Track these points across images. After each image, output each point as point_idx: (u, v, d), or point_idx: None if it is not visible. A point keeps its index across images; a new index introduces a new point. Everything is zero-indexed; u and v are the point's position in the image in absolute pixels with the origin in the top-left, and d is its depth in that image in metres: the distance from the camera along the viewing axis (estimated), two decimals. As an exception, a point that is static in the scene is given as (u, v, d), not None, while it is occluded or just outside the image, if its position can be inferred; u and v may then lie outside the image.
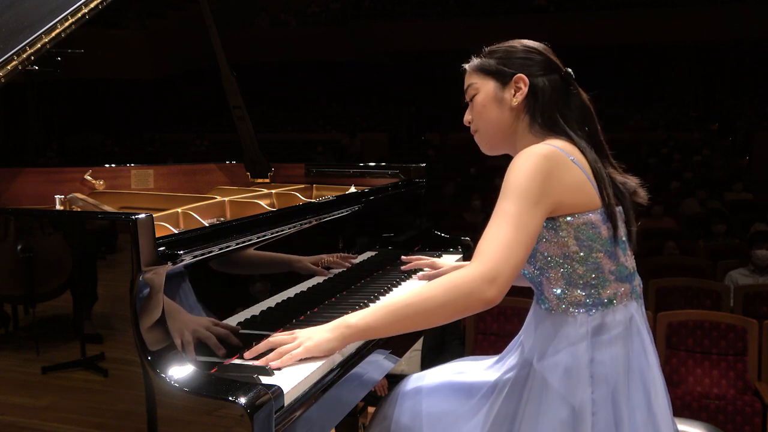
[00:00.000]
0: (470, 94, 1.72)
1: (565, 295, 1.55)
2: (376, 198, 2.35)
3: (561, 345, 1.53)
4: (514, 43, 1.70)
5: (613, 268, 1.55)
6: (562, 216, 1.52)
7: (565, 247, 1.53)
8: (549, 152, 1.51)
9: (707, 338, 3.94)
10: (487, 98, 1.67)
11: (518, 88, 1.63)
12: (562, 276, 1.55)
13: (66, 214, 1.88)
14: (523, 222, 1.45)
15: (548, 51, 1.69)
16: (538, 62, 1.65)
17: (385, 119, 17.44)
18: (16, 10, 1.92)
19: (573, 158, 1.53)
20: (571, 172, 1.52)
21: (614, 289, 1.55)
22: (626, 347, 1.53)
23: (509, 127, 1.66)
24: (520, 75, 1.63)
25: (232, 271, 1.59)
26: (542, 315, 1.59)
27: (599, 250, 1.53)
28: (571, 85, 1.65)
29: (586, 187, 1.53)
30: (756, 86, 15.75)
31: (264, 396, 1.21)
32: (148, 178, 2.57)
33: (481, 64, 1.70)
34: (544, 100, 1.62)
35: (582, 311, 1.53)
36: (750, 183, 10.02)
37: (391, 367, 1.89)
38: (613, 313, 1.54)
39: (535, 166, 1.48)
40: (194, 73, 13.37)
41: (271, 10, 18.66)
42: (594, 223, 1.52)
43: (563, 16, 15.57)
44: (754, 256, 5.06)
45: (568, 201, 1.51)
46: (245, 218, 1.67)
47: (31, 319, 1.35)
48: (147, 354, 1.24)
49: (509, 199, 1.47)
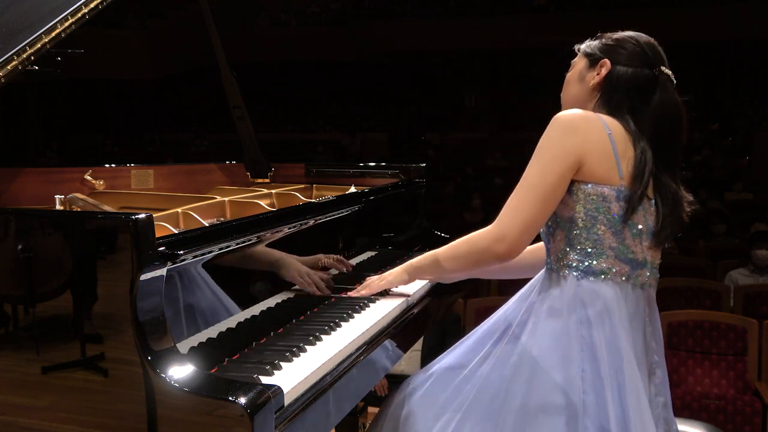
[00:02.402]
0: (570, 68, 1.82)
1: (562, 256, 1.63)
2: (376, 198, 2.35)
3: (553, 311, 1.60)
4: (622, 33, 1.75)
5: (614, 245, 1.60)
6: (580, 181, 1.60)
7: (572, 211, 1.61)
8: (582, 113, 1.63)
9: (707, 338, 3.94)
10: (574, 74, 1.78)
11: (599, 70, 1.71)
12: (564, 237, 1.63)
13: (66, 214, 1.88)
14: (537, 182, 1.60)
15: (650, 46, 1.72)
16: (630, 52, 1.69)
17: (385, 119, 17.44)
18: (16, 10, 1.92)
19: (610, 132, 1.61)
20: (600, 139, 1.59)
21: (610, 264, 1.60)
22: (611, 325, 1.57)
23: (583, 105, 1.72)
24: (605, 60, 1.70)
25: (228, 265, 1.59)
26: (544, 275, 1.70)
27: (603, 223, 1.59)
28: (657, 86, 1.68)
29: (610, 159, 1.59)
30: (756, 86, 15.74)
31: (264, 396, 1.21)
32: (148, 178, 2.57)
33: (587, 45, 1.78)
34: (618, 88, 1.68)
35: (574, 274, 1.61)
36: (750, 183, 10.02)
37: (392, 367, 1.89)
38: (603, 284, 1.59)
39: (558, 125, 1.62)
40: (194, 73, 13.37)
41: (271, 10, 18.65)
42: (606, 197, 1.59)
43: (563, 16, 15.55)
44: (754, 256, 5.06)
45: (588, 164, 1.58)
46: (245, 218, 1.67)
47: (31, 319, 1.35)
48: (147, 354, 1.24)
49: (531, 163, 1.63)
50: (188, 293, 1.44)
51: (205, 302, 1.49)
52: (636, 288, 1.62)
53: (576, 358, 1.55)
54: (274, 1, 18.62)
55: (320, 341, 1.61)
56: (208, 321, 1.48)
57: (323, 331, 1.66)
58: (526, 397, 1.57)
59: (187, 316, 1.43)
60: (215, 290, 1.53)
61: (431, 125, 16.77)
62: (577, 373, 1.54)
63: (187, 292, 1.43)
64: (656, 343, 1.67)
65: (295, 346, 1.53)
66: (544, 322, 1.61)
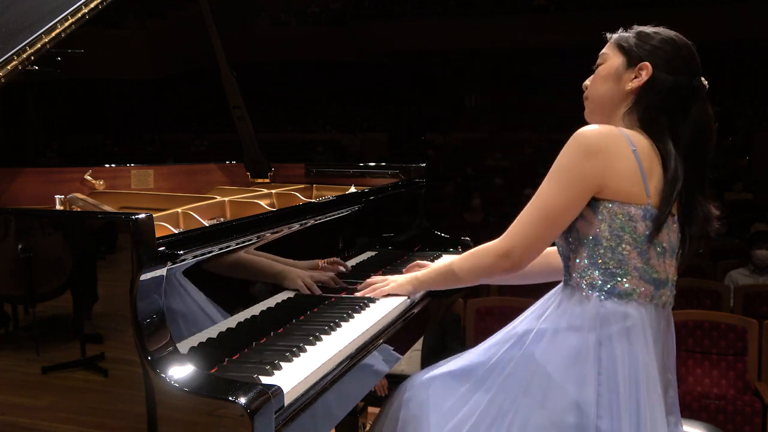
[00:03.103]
0: (598, 62, 1.73)
1: (585, 275, 1.58)
2: (376, 198, 2.35)
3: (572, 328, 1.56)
4: (660, 30, 1.69)
5: (639, 265, 1.56)
6: (605, 200, 1.55)
7: (597, 229, 1.56)
8: (604, 132, 1.56)
9: (707, 338, 3.94)
10: (609, 71, 1.68)
11: (639, 74, 1.63)
12: (587, 255, 1.58)
13: (66, 214, 1.88)
14: (551, 202, 1.57)
15: (690, 52, 1.66)
16: (671, 58, 1.63)
17: (385, 119, 17.45)
18: (16, 10, 1.92)
19: (635, 149, 1.55)
20: (625, 159, 1.54)
21: (635, 285, 1.56)
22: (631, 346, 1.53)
23: (613, 106, 1.67)
24: (646, 63, 1.63)
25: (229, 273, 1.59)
26: (561, 288, 1.66)
27: (629, 243, 1.55)
28: (695, 97, 1.63)
29: (636, 178, 1.54)
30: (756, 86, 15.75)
31: (264, 396, 1.21)
32: (148, 178, 2.57)
33: (621, 38, 1.70)
34: (656, 96, 1.61)
35: (596, 294, 1.56)
36: (750, 183, 10.03)
37: (391, 367, 1.89)
38: (626, 306, 1.55)
39: (578, 146, 1.55)
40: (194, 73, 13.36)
41: (271, 10, 18.66)
42: (632, 217, 1.54)
43: (563, 16, 15.56)
44: (754, 256, 5.06)
45: (613, 185, 1.54)
46: (245, 218, 1.67)
47: (31, 319, 1.35)
48: (147, 354, 1.24)
49: (547, 180, 1.59)
50: (188, 293, 1.43)
51: (205, 302, 1.49)
52: (659, 308, 1.60)
53: (592, 380, 1.51)
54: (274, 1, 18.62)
55: (320, 341, 1.61)
56: (208, 321, 1.48)
57: (323, 331, 1.66)
58: (538, 413, 1.53)
59: (187, 316, 1.43)
60: (215, 290, 1.53)
61: (431, 125, 16.78)
62: (593, 396, 1.50)
63: (187, 292, 1.43)
64: (671, 362, 1.66)
65: (295, 346, 1.53)
66: (563, 336, 1.57)
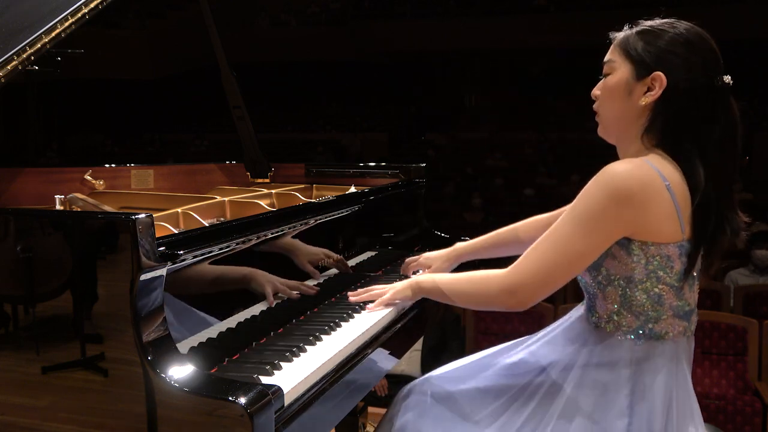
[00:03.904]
0: (605, 71, 1.56)
1: (618, 317, 1.48)
2: (376, 198, 2.34)
3: (603, 363, 1.48)
4: (668, 25, 1.50)
5: (674, 303, 1.46)
6: (639, 241, 1.42)
7: (631, 271, 1.44)
8: (638, 176, 1.39)
9: (707, 338, 3.94)
10: (618, 85, 1.51)
11: (652, 85, 1.46)
12: (619, 297, 1.47)
13: (66, 214, 1.88)
14: (571, 245, 1.43)
15: (708, 49, 1.48)
16: (686, 59, 1.45)
17: (385, 119, 17.46)
18: (16, 10, 1.92)
19: (668, 183, 1.40)
20: (660, 201, 1.40)
21: (669, 324, 1.47)
22: (669, 385, 1.46)
23: (628, 125, 1.51)
24: (659, 74, 1.45)
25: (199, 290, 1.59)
26: (588, 329, 1.53)
27: (666, 282, 1.44)
28: (720, 100, 1.46)
29: (672, 217, 1.41)
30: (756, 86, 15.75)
31: (264, 396, 1.21)
32: (148, 178, 2.57)
33: (627, 42, 1.52)
34: (676, 110, 1.45)
35: (630, 338, 1.47)
36: (750, 183, 10.03)
37: (391, 367, 1.89)
38: (662, 348, 1.46)
39: (611, 193, 1.39)
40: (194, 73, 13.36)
41: (271, 10, 18.66)
42: (670, 257, 1.43)
43: (563, 16, 15.55)
44: (754, 256, 5.06)
45: (649, 229, 1.41)
46: (245, 218, 1.67)
47: (31, 319, 1.35)
48: (147, 354, 1.24)
49: (566, 219, 1.44)
50: (188, 293, 1.43)
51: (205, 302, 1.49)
52: (690, 337, 1.52)
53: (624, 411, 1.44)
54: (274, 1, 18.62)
55: (320, 341, 1.61)
56: (208, 321, 1.48)
57: (323, 331, 1.66)
58: None
59: (187, 316, 1.43)
60: (215, 290, 1.53)
61: (431, 125, 16.78)
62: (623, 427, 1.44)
63: (188, 292, 1.43)
64: None
65: (295, 346, 1.53)
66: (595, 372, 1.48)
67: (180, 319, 1.40)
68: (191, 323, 1.43)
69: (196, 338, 1.43)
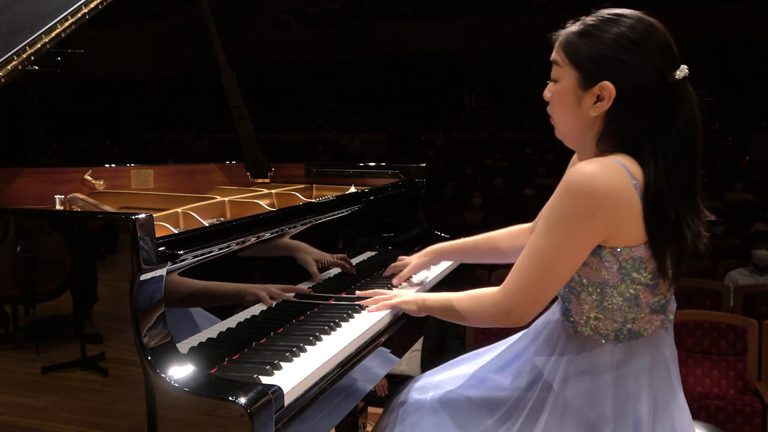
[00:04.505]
0: (553, 74, 1.49)
1: (595, 321, 1.46)
2: (376, 198, 2.34)
3: (585, 371, 1.46)
4: (614, 27, 1.41)
5: (651, 300, 1.44)
6: (610, 247, 1.39)
7: (604, 277, 1.42)
8: (607, 177, 1.35)
9: (707, 338, 3.94)
10: (567, 94, 1.45)
11: (601, 95, 1.40)
12: (595, 302, 1.45)
13: (66, 214, 1.88)
14: (553, 257, 1.40)
15: (658, 44, 1.39)
16: (636, 64, 1.38)
17: (385, 119, 17.45)
18: (16, 10, 1.92)
19: (636, 182, 1.36)
20: (629, 201, 1.36)
21: (647, 320, 1.46)
22: (652, 381, 1.45)
23: (582, 132, 1.47)
24: (607, 83, 1.39)
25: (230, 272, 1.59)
26: (566, 334, 1.51)
27: (641, 283, 1.42)
28: (677, 96, 1.39)
29: (641, 219, 1.38)
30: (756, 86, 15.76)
31: (264, 396, 1.21)
32: (148, 178, 2.57)
33: (570, 45, 1.45)
34: (629, 116, 1.40)
35: (609, 340, 1.45)
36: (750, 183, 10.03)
37: (391, 367, 1.88)
38: (642, 345, 1.45)
39: (582, 196, 1.35)
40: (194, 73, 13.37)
41: (272, 11, 18.68)
42: (642, 258, 1.40)
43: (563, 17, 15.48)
44: (754, 256, 5.06)
45: (621, 233, 1.38)
46: (245, 218, 1.67)
47: (31, 319, 1.35)
48: (147, 354, 1.24)
49: (545, 233, 1.41)
50: (188, 293, 1.43)
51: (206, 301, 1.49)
52: (669, 326, 1.51)
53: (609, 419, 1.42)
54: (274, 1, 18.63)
55: (320, 341, 1.61)
56: (208, 321, 1.48)
57: (323, 331, 1.66)
58: None
59: (187, 316, 1.43)
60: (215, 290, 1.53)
61: (431, 125, 16.77)
62: None
63: (188, 291, 1.43)
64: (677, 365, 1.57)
65: (295, 346, 1.53)
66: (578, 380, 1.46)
67: (180, 319, 1.40)
68: (191, 323, 1.43)
69: (196, 338, 1.43)
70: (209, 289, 1.50)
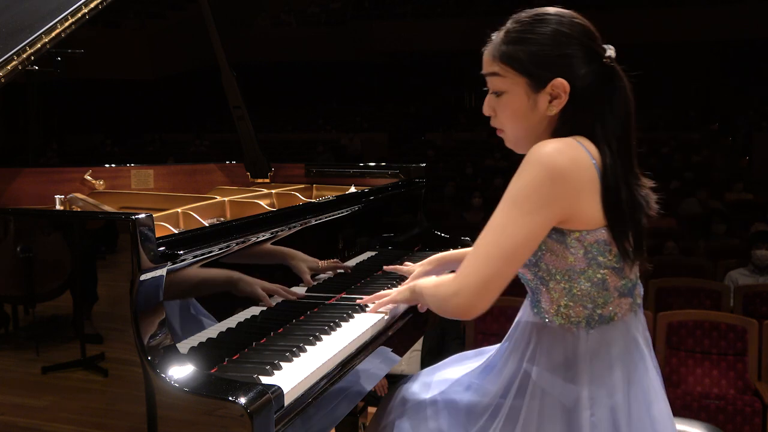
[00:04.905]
0: (494, 87, 1.49)
1: (566, 309, 1.45)
2: (376, 198, 2.35)
3: (558, 361, 1.46)
4: (545, 26, 1.44)
5: (618, 284, 1.45)
6: (572, 231, 1.39)
7: (571, 263, 1.42)
8: (569, 154, 1.36)
9: (707, 338, 3.94)
10: (520, 104, 1.46)
11: (556, 95, 1.43)
12: (564, 290, 1.44)
13: (66, 214, 1.88)
14: (507, 234, 1.36)
15: (583, 32, 1.45)
16: (577, 57, 1.43)
17: (385, 119, 17.45)
18: (16, 10, 1.92)
19: (595, 162, 1.38)
20: (590, 178, 1.37)
21: (616, 305, 1.46)
22: (626, 366, 1.46)
23: (540, 133, 1.47)
24: (559, 80, 1.41)
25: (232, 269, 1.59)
26: (538, 326, 1.50)
27: (607, 266, 1.42)
28: (614, 74, 1.45)
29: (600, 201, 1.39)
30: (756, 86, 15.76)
31: (264, 396, 1.21)
32: (148, 178, 2.57)
33: (510, 54, 1.45)
34: (584, 105, 1.43)
35: (581, 327, 1.45)
36: (750, 183, 10.03)
37: (391, 367, 1.88)
38: (613, 330, 1.46)
39: (543, 169, 1.34)
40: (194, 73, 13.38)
41: (272, 10, 18.69)
42: (606, 241, 1.40)
43: (563, 16, 15.53)
44: (754, 256, 5.06)
45: (582, 214, 1.38)
46: (245, 218, 1.67)
47: (31, 319, 1.35)
48: (147, 354, 1.24)
49: (500, 208, 1.38)
50: (189, 292, 1.43)
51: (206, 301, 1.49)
52: (638, 310, 1.51)
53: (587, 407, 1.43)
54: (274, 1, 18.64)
55: (320, 341, 1.61)
56: (208, 321, 1.48)
57: (323, 331, 1.66)
58: None
59: (187, 316, 1.43)
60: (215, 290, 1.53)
61: (431, 125, 16.77)
62: None
63: (188, 292, 1.43)
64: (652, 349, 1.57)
65: (295, 346, 1.53)
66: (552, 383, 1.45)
67: (180, 318, 1.40)
68: (191, 323, 1.43)
69: (196, 338, 1.43)
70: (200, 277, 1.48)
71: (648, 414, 1.47)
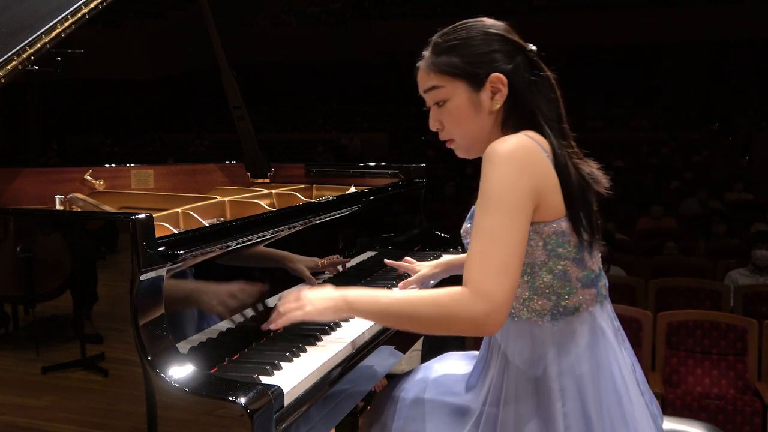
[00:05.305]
0: (436, 98, 1.55)
1: (530, 303, 1.47)
2: (376, 198, 2.35)
3: (525, 356, 1.47)
4: (470, 31, 1.54)
5: (580, 275, 1.46)
6: (533, 222, 1.40)
7: (532, 256, 1.43)
8: (520, 146, 1.39)
9: (707, 338, 3.94)
10: (464, 106, 1.51)
11: (496, 89, 1.48)
12: (527, 283, 1.46)
13: (66, 214, 1.88)
14: (510, 235, 1.34)
15: (508, 30, 1.55)
16: (505, 51, 1.50)
17: (385, 119, 17.45)
18: (16, 10, 1.92)
19: (548, 154, 1.42)
20: (548, 169, 1.41)
21: (580, 295, 1.47)
22: (594, 356, 1.47)
23: (488, 132, 1.51)
24: (496, 74, 1.48)
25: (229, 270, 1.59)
26: (505, 327, 1.49)
27: (567, 257, 1.44)
28: (537, 66, 1.52)
29: (557, 189, 1.41)
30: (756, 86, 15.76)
31: (264, 396, 1.21)
32: (148, 178, 2.57)
33: (444, 63, 1.52)
34: (521, 94, 1.49)
35: (547, 320, 1.46)
36: (750, 183, 10.03)
37: (392, 367, 1.88)
38: (579, 321, 1.47)
39: (510, 159, 1.36)
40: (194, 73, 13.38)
41: (272, 10, 18.69)
42: (564, 232, 1.42)
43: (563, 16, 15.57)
44: (754, 256, 5.06)
45: (544, 203, 1.39)
46: (245, 218, 1.67)
47: (31, 319, 1.35)
48: (147, 354, 1.24)
49: (489, 213, 1.35)
50: (189, 293, 1.43)
51: (206, 302, 1.49)
52: (604, 301, 1.52)
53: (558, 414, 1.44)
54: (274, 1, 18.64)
55: (320, 341, 1.61)
56: (209, 321, 1.49)
57: (323, 331, 1.66)
58: None
59: (187, 317, 1.43)
60: (216, 290, 1.53)
61: (431, 125, 16.75)
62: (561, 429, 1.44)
63: (188, 292, 1.43)
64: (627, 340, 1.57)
65: (296, 346, 1.53)
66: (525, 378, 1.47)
67: (180, 319, 1.40)
68: (191, 323, 1.44)
69: (196, 338, 1.43)
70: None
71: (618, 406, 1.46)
